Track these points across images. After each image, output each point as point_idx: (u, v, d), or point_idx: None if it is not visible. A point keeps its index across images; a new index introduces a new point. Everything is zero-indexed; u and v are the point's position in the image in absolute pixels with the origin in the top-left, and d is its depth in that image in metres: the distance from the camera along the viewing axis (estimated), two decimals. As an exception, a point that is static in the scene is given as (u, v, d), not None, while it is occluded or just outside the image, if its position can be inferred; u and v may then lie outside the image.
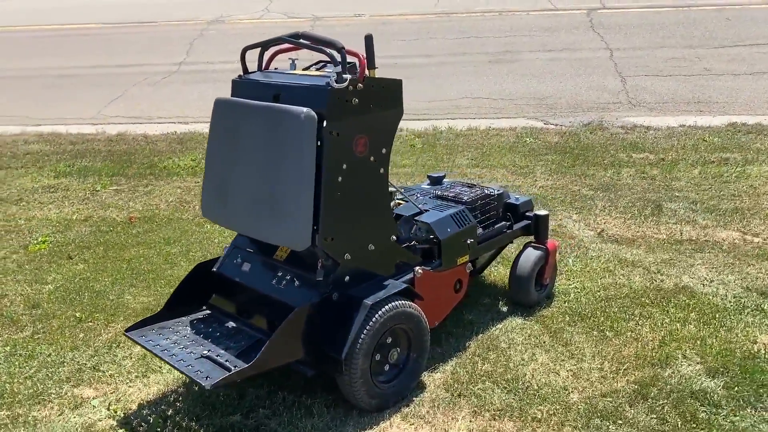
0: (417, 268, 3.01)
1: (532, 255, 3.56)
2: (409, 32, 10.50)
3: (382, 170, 2.83)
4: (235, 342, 2.80)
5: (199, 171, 6.02)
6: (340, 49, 2.68)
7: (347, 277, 2.77)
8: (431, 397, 2.92)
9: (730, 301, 3.59)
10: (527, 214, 3.63)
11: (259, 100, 2.79)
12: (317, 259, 2.74)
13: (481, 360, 3.16)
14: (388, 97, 2.80)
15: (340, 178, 2.67)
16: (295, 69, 3.08)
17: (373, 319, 2.69)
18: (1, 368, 3.20)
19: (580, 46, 9.52)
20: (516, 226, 3.57)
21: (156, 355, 2.69)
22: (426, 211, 3.24)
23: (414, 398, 2.91)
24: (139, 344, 2.77)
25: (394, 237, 2.93)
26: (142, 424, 2.78)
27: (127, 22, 11.97)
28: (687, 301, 3.61)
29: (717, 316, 3.45)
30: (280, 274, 2.89)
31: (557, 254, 3.71)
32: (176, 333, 2.86)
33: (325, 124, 2.60)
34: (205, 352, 2.70)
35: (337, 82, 2.60)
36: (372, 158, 2.78)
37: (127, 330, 2.87)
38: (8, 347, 3.38)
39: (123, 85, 8.89)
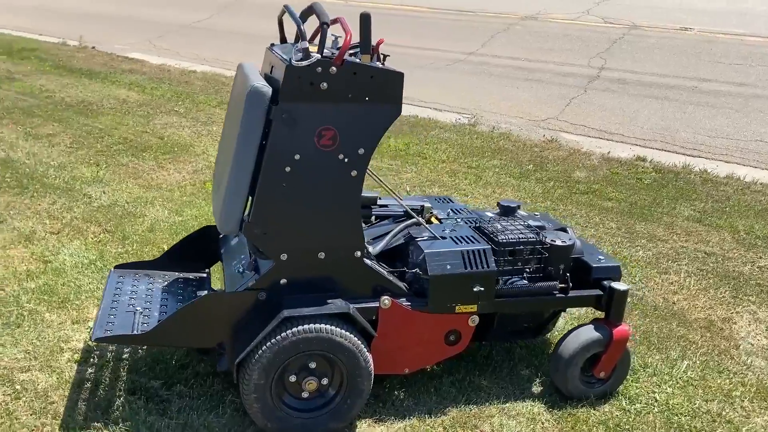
0: (384, 297, 2.52)
1: (583, 335, 2.73)
2: (736, 55, 8.81)
3: (354, 173, 2.41)
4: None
5: (407, 156, 5.99)
6: (322, 24, 2.33)
7: (284, 280, 2.45)
8: (345, 450, 2.46)
9: None
10: (604, 282, 2.77)
11: (264, 71, 2.61)
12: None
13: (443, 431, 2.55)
14: (377, 90, 2.36)
15: (288, 169, 2.35)
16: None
17: (282, 335, 2.35)
18: (72, 271, 3.61)
19: None
20: (577, 292, 2.75)
21: (103, 296, 2.76)
22: (442, 239, 2.69)
23: (325, 441, 2.49)
24: (107, 281, 2.87)
25: (359, 252, 2.49)
26: (94, 356, 2.89)
27: (451, 9, 12.30)
28: (801, 479, 2.40)
29: None
30: (242, 256, 2.70)
31: (627, 346, 2.76)
32: (150, 284, 2.88)
33: (278, 104, 2.31)
34: (140, 308, 2.67)
35: (299, 59, 2.28)
36: (342, 156, 2.38)
37: (117, 266, 2.99)
38: (95, 256, 3.80)
39: (410, 65, 9.17)
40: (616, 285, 2.73)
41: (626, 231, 4.57)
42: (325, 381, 2.47)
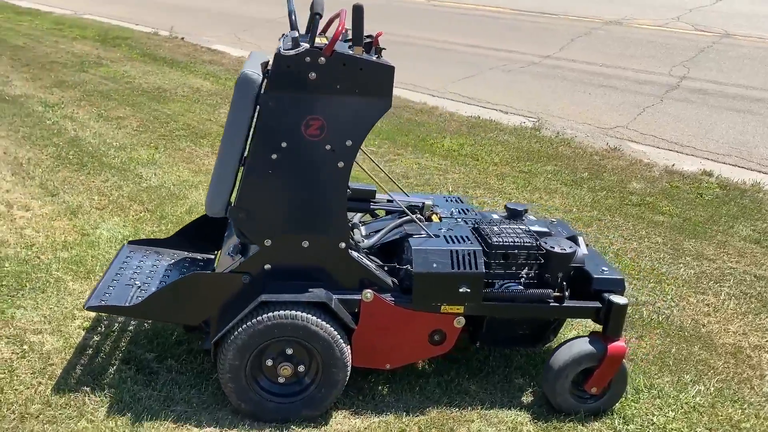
0: (367, 291, 2.51)
1: (576, 347, 2.61)
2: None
3: (341, 164, 2.42)
4: (176, 287, 2.81)
5: (458, 157, 5.92)
6: (315, 14, 2.35)
7: (268, 266, 2.49)
8: (311, 438, 2.47)
9: None
10: (604, 294, 2.65)
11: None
12: None
13: (417, 430, 2.51)
14: (366, 82, 2.36)
15: (274, 156, 2.38)
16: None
17: (258, 318, 2.38)
18: (105, 245, 3.79)
19: None
20: (573, 303, 2.64)
21: (108, 268, 2.89)
22: (435, 237, 2.65)
23: (293, 427, 2.50)
24: (117, 254, 3.00)
25: (343, 244, 2.49)
26: (103, 326, 3.02)
27: (533, 11, 12.00)
28: None
29: None
30: (238, 240, 2.76)
31: (623, 362, 2.62)
32: (157, 261, 2.99)
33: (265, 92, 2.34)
34: (139, 283, 2.78)
35: (288, 48, 2.30)
36: (329, 147, 2.40)
37: (130, 242, 3.12)
38: (129, 232, 3.97)
39: (482, 66, 9.05)
40: (615, 298, 2.60)
41: (672, 247, 4.34)
42: (301, 368, 2.49)
